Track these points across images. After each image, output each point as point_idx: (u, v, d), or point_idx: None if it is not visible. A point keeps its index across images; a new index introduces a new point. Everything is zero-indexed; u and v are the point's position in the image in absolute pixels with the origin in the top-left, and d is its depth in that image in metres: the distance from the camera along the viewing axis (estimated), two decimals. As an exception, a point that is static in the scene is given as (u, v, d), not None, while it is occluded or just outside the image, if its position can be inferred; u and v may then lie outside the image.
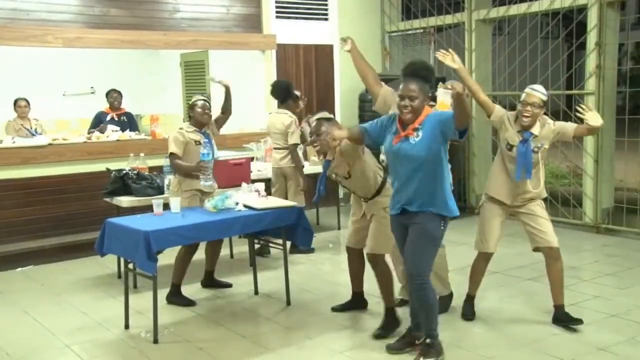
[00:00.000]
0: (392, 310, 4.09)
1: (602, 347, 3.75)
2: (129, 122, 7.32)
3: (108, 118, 7.20)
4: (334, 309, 4.50)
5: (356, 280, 4.46)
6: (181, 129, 4.80)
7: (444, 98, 3.46)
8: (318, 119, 3.94)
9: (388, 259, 4.22)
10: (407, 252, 3.57)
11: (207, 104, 4.80)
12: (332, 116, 4.03)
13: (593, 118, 3.87)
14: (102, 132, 6.63)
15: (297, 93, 6.18)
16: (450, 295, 4.45)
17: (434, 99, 3.72)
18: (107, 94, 7.39)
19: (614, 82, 6.69)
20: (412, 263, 3.54)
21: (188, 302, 4.73)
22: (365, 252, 4.16)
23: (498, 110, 4.09)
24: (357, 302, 4.51)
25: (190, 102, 4.83)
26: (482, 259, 4.24)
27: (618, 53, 6.92)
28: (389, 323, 4.05)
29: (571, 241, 6.11)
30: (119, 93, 7.38)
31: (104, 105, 7.39)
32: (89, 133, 6.72)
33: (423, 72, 3.53)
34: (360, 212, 4.14)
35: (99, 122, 7.13)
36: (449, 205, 3.54)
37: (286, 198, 5.68)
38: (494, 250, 4.18)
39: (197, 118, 4.77)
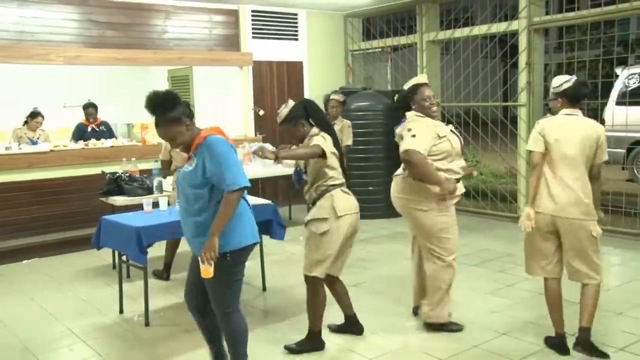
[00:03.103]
0: (316, 333, 3.48)
1: (532, 321, 3.87)
2: (107, 131, 7.27)
3: (89, 129, 7.13)
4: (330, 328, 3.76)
5: (342, 303, 3.67)
6: None
7: None
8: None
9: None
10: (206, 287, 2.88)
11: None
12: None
13: None
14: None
15: (334, 97, 5.88)
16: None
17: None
18: (85, 108, 7.18)
19: (541, 96, 6.88)
20: (212, 300, 2.89)
21: (168, 277, 4.99)
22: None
23: None
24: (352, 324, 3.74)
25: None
26: None
27: (544, 71, 7.11)
28: (309, 344, 3.48)
29: (508, 231, 6.25)
30: (95, 107, 7.21)
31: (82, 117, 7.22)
32: (73, 142, 6.64)
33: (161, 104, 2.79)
34: None
35: (81, 133, 7.05)
36: (226, 237, 2.71)
37: None
38: None
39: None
